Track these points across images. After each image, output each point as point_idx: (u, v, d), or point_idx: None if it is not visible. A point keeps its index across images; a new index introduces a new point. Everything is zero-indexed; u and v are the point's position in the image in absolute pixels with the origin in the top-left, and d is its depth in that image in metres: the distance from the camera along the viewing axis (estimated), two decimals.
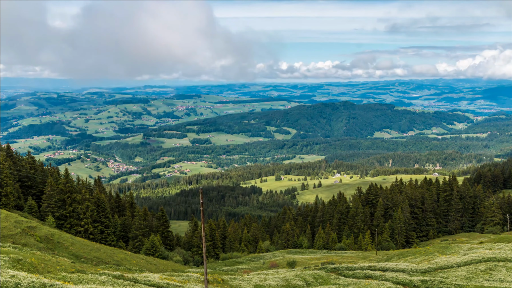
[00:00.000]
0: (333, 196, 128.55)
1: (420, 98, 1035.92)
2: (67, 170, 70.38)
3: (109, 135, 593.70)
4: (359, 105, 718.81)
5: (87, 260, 39.33)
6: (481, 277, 31.06)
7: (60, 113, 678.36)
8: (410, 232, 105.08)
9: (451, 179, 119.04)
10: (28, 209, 61.79)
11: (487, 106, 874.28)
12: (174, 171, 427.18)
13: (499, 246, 43.17)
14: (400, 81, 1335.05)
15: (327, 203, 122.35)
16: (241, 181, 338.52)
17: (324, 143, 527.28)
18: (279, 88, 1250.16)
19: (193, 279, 30.28)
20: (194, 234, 77.85)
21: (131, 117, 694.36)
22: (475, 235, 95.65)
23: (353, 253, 75.65)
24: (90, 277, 22.51)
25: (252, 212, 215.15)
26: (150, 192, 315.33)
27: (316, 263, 54.79)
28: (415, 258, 44.96)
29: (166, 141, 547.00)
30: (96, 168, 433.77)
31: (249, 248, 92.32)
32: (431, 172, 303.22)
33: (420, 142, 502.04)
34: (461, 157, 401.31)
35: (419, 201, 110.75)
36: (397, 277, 31.93)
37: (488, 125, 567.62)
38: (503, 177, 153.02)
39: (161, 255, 63.77)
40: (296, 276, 34.50)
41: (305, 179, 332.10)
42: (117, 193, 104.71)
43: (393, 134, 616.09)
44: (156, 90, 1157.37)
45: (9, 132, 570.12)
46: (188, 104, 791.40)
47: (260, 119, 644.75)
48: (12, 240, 36.25)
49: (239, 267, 58.39)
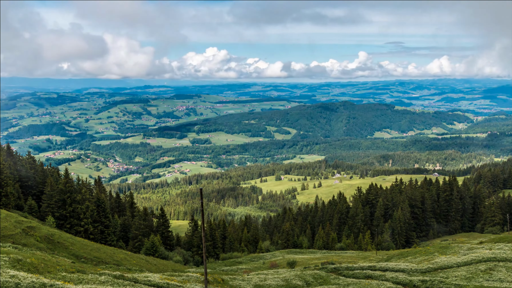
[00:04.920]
0: (333, 196, 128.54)
1: (420, 98, 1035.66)
2: (67, 170, 70.32)
3: (109, 135, 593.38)
4: (359, 105, 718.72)
5: (87, 260, 39.32)
6: (481, 277, 31.05)
7: (60, 113, 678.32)
8: (410, 232, 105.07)
9: (451, 179, 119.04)
10: (28, 209, 61.79)
11: (487, 106, 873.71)
12: (174, 171, 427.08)
13: (499, 246, 43.15)
14: (400, 81, 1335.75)
15: (327, 203, 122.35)
16: (241, 181, 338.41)
17: (324, 143, 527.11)
18: (279, 88, 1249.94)
19: (193, 279, 30.27)
20: (194, 234, 77.81)
21: (131, 117, 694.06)
22: (475, 235, 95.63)
23: (353, 253, 75.63)
24: (90, 277, 22.51)
25: (252, 212, 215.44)
26: (150, 192, 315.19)
27: (316, 263, 54.76)
28: (415, 258, 44.94)
29: (166, 141, 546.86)
30: (96, 168, 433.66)
31: (249, 248, 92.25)
32: (431, 172, 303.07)
33: (420, 142, 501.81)
34: (461, 157, 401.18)
35: (419, 201, 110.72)
36: (397, 277, 31.93)
37: (488, 125, 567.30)
38: (503, 177, 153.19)
39: (161, 255, 63.74)
40: (296, 276, 34.50)
41: (305, 179, 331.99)
42: (117, 193, 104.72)
43: (393, 134, 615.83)
44: (156, 90, 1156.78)
45: (9, 132, 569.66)
46: (188, 104, 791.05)
47: (260, 119, 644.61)
48: (12, 240, 36.24)
49: (239, 267, 58.37)
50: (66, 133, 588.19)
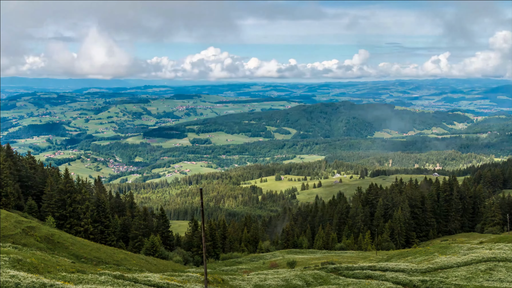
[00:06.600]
0: (333, 196, 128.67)
1: (420, 98, 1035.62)
2: (67, 170, 70.27)
3: (109, 135, 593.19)
4: (359, 105, 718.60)
5: (87, 260, 39.33)
6: (481, 277, 31.05)
7: (60, 113, 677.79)
8: (410, 232, 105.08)
9: (451, 179, 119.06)
10: (28, 209, 61.79)
11: (487, 106, 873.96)
12: (174, 171, 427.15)
13: (499, 246, 43.15)
14: (400, 81, 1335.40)
15: (327, 203, 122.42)
16: (241, 181, 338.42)
17: (324, 143, 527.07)
18: (279, 88, 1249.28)
19: (193, 279, 30.27)
20: (194, 234, 77.81)
21: (131, 117, 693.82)
22: (475, 235, 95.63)
23: (353, 253, 75.65)
24: (90, 277, 22.51)
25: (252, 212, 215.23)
26: (150, 192, 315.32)
27: (316, 263, 54.77)
28: (415, 258, 44.95)
29: (166, 141, 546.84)
30: (96, 168, 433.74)
31: (249, 248, 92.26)
32: (431, 172, 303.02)
33: (420, 142, 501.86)
34: (461, 157, 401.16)
35: (419, 201, 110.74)
36: (397, 277, 31.93)
37: (488, 125, 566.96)
38: (503, 177, 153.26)
39: (161, 255, 63.74)
40: (296, 276, 34.50)
41: (305, 179, 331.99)
42: (117, 193, 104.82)
43: (393, 134, 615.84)
44: (156, 90, 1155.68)
45: (9, 132, 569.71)
46: (188, 104, 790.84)
47: (260, 119, 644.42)
48: (12, 240, 36.25)
49: (239, 267, 58.38)
50: (66, 133, 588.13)
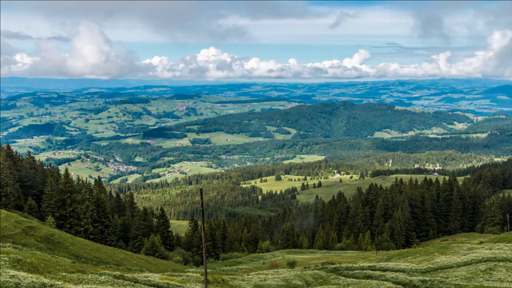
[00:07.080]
0: (333, 196, 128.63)
1: (420, 98, 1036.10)
2: (67, 170, 70.25)
3: (109, 135, 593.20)
4: (359, 105, 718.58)
5: (87, 260, 39.32)
6: (481, 277, 31.05)
7: (60, 113, 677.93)
8: (410, 232, 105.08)
9: (451, 179, 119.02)
10: (28, 209, 61.78)
11: (487, 106, 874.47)
12: (174, 171, 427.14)
13: (499, 246, 43.15)
14: (400, 81, 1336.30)
15: (327, 203, 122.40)
16: (241, 181, 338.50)
17: (324, 143, 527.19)
18: (279, 88, 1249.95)
19: (193, 279, 30.26)
20: (194, 234, 77.82)
21: (131, 117, 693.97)
22: (475, 235, 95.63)
23: (353, 253, 75.64)
24: (90, 277, 22.51)
25: (252, 212, 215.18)
26: (150, 192, 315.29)
27: (316, 263, 54.77)
28: (415, 258, 44.95)
29: (166, 141, 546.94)
30: (96, 168, 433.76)
31: (249, 248, 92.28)
32: (431, 172, 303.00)
33: (420, 142, 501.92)
34: (461, 157, 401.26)
35: (419, 201, 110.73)
36: (397, 277, 31.92)
37: (488, 125, 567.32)
38: (503, 177, 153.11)
39: (161, 255, 63.74)
40: (296, 276, 34.50)
41: (305, 179, 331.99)
42: (117, 193, 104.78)
43: (393, 134, 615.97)
44: (156, 90, 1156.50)
45: (9, 132, 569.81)
46: (188, 104, 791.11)
47: (260, 119, 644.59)
48: (12, 240, 36.25)
49: (239, 267, 58.38)
50: (66, 133, 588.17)
